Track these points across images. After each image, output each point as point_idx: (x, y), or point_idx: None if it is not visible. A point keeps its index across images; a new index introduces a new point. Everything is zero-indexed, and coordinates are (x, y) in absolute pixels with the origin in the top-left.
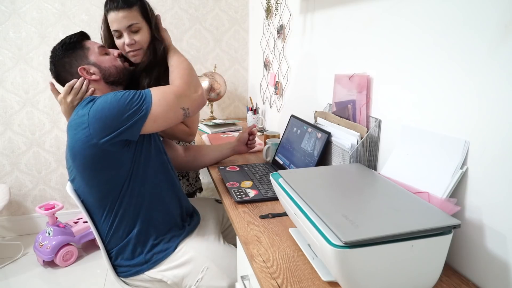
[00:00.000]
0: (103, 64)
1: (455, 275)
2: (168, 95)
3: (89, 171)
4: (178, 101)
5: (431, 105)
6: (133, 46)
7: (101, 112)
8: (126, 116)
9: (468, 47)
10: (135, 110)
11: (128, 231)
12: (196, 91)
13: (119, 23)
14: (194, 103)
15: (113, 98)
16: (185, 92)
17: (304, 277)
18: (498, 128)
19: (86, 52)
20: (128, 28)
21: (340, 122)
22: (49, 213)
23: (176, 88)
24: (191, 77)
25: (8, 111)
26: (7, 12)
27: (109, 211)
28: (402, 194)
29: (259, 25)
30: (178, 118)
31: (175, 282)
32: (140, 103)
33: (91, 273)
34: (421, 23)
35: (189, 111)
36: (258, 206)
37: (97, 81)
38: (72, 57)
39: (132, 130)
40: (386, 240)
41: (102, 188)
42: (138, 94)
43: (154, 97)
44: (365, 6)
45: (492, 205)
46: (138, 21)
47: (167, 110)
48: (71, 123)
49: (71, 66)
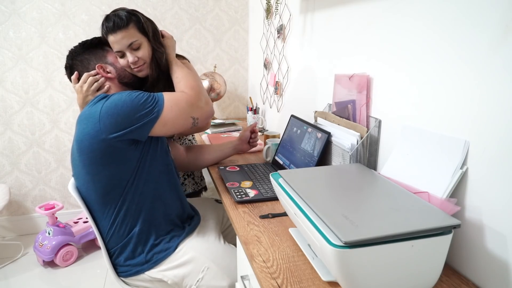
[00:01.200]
0: (119, 65)
1: (455, 275)
2: (180, 103)
3: (95, 165)
4: (189, 109)
5: (431, 105)
6: (137, 63)
7: (114, 109)
8: (138, 116)
9: (468, 47)
10: (147, 112)
11: (129, 230)
12: (207, 104)
13: (120, 44)
14: (204, 114)
15: (127, 97)
16: (197, 103)
17: (304, 277)
18: (498, 128)
19: (105, 53)
20: (129, 47)
21: (340, 122)
22: (49, 213)
23: (189, 97)
24: (200, 88)
25: (8, 111)
26: (7, 12)
27: (111, 209)
28: (402, 194)
29: (259, 25)
30: (186, 126)
31: (176, 282)
32: (153, 105)
33: (91, 273)
34: (421, 23)
35: (198, 121)
36: (258, 206)
37: (112, 80)
38: (92, 55)
39: (141, 130)
40: (386, 240)
41: (106, 184)
42: (152, 97)
43: (167, 102)
44: (365, 6)
45: (492, 205)
46: (137, 38)
47: (177, 116)
48: (81, 116)
49: (89, 62)
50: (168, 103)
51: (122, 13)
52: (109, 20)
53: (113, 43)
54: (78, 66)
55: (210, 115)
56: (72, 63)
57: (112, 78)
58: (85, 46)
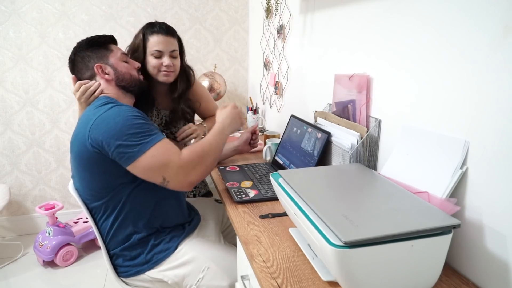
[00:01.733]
0: (119, 68)
1: (455, 275)
2: (165, 158)
3: (88, 172)
4: (166, 169)
5: (431, 105)
6: (170, 68)
7: (104, 125)
8: (117, 144)
9: (468, 47)
10: (129, 145)
11: (130, 233)
12: (188, 176)
13: (165, 46)
14: (178, 183)
15: (121, 120)
16: (182, 170)
17: (304, 277)
18: (498, 128)
19: (108, 53)
20: (170, 52)
21: (340, 122)
22: (49, 213)
23: (179, 161)
24: (200, 163)
25: (8, 111)
26: (7, 12)
27: (111, 213)
28: (402, 194)
29: (259, 25)
30: (154, 181)
31: (176, 282)
32: (138, 141)
33: (91, 273)
34: (421, 23)
35: (167, 184)
36: (258, 206)
37: (109, 82)
38: (94, 53)
39: (116, 161)
40: (386, 240)
41: (101, 189)
42: (145, 133)
43: (153, 149)
44: (365, 6)
45: (492, 205)
46: (177, 49)
47: (151, 167)
48: (82, 118)
49: (89, 60)
50: (153, 151)
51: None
52: (161, 24)
53: (158, 42)
54: (79, 62)
55: (184, 187)
56: (75, 58)
57: (109, 80)
58: (90, 43)
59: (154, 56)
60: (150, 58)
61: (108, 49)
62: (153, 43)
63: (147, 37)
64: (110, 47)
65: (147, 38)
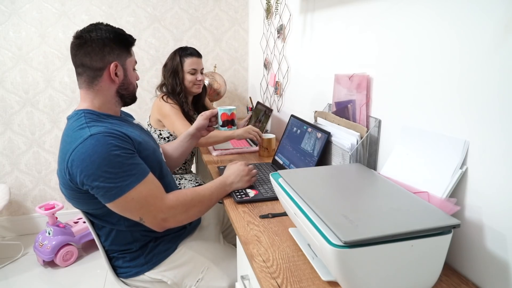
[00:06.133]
0: (129, 76)
1: (455, 275)
2: (146, 202)
3: (73, 199)
4: (145, 212)
5: (431, 105)
6: (201, 81)
7: (79, 162)
8: (95, 184)
9: (468, 47)
10: (105, 186)
11: (129, 239)
12: (165, 222)
13: (198, 65)
14: (152, 225)
15: (98, 158)
16: (161, 215)
17: (304, 277)
18: (498, 128)
19: (127, 56)
20: (201, 70)
21: (340, 122)
22: (49, 213)
23: (162, 205)
24: (183, 212)
25: (8, 111)
26: (7, 12)
27: (107, 225)
28: (401, 194)
29: (259, 25)
30: (132, 217)
31: (175, 282)
32: (115, 183)
33: (91, 273)
34: (421, 23)
35: (143, 223)
36: (258, 206)
37: (112, 84)
38: (116, 48)
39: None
40: (385, 240)
41: (94, 211)
42: (124, 172)
43: (133, 192)
44: (365, 6)
45: (492, 205)
46: (203, 67)
47: (129, 209)
48: (63, 135)
49: (110, 53)
50: (133, 194)
51: None
52: (192, 48)
53: (194, 63)
54: (97, 46)
55: (159, 229)
56: (91, 38)
57: (114, 83)
58: (120, 36)
59: (191, 73)
60: (187, 75)
61: (129, 52)
62: (189, 63)
63: (184, 59)
64: (131, 51)
65: (184, 60)
